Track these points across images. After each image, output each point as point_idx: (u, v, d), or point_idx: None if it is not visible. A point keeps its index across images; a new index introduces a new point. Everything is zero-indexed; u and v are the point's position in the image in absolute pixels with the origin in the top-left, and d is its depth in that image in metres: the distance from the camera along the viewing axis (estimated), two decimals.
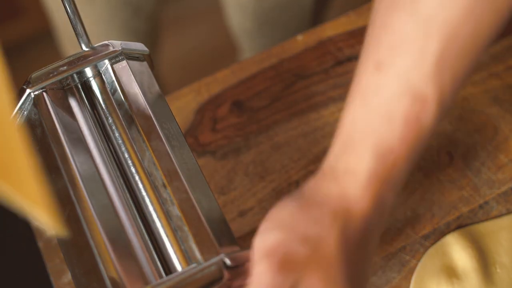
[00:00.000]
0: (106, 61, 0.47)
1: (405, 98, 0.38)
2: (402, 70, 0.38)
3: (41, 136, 0.47)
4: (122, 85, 0.47)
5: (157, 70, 1.07)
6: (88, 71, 0.48)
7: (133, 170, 0.45)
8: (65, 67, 0.47)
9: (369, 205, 0.39)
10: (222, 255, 0.41)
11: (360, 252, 0.40)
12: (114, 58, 0.47)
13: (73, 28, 0.47)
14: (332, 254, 0.38)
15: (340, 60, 0.63)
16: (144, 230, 0.43)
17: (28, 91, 0.46)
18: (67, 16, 0.46)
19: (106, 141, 0.47)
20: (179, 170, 0.44)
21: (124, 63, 0.48)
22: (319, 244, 0.38)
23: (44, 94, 0.46)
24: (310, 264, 0.38)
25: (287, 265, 0.37)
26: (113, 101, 0.47)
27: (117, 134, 0.46)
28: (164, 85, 1.13)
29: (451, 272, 0.52)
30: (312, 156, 0.58)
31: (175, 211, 0.43)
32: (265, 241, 0.39)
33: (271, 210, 0.40)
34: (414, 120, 0.38)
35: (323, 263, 0.38)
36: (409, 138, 0.39)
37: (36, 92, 0.46)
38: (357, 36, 0.63)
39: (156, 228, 0.43)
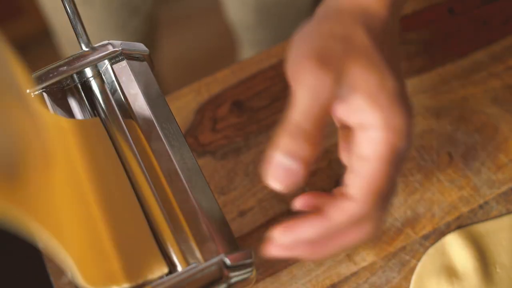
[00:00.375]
0: (106, 61, 0.47)
1: None
2: None
3: None
4: (122, 85, 0.47)
5: (157, 70, 1.06)
6: (88, 71, 0.48)
7: (133, 170, 0.45)
8: (65, 67, 0.47)
9: (384, 10, 0.39)
10: (222, 255, 0.41)
11: (387, 43, 0.39)
12: (114, 58, 0.47)
13: (73, 28, 0.47)
14: (366, 43, 0.38)
15: None
16: None
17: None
18: (66, 17, 0.46)
19: None
20: (179, 170, 0.44)
21: (124, 63, 0.48)
22: (351, 38, 0.38)
23: (44, 94, 0.46)
24: (349, 55, 0.37)
25: (326, 60, 0.36)
26: (113, 101, 0.47)
27: (117, 134, 0.46)
28: (164, 85, 1.13)
29: (451, 272, 0.52)
30: None
31: (175, 211, 0.43)
32: (297, 51, 0.38)
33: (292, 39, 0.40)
34: None
35: (361, 52, 0.37)
36: None
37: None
38: None
39: (156, 228, 0.43)
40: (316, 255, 0.37)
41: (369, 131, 0.36)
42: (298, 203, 0.39)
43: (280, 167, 0.35)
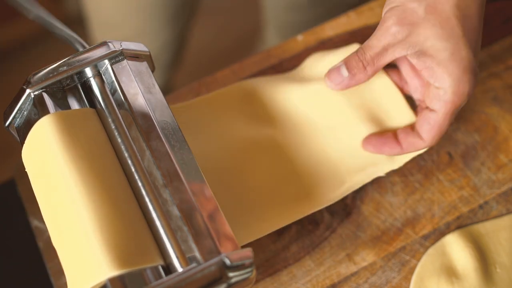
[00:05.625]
0: (106, 61, 0.47)
1: None
2: None
3: None
4: (122, 85, 0.47)
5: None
6: (88, 71, 0.48)
7: (132, 169, 0.45)
8: (65, 67, 0.47)
9: None
10: (222, 255, 0.41)
11: (474, 19, 0.47)
12: (114, 58, 0.48)
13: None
14: (447, 11, 0.47)
15: None
16: None
17: (28, 91, 0.46)
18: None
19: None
20: (179, 170, 0.44)
21: (124, 63, 0.48)
22: (435, 5, 0.47)
23: (44, 94, 0.46)
24: (426, 20, 0.47)
25: (403, 20, 0.48)
26: (113, 101, 0.47)
27: (116, 134, 0.46)
28: (164, 85, 1.13)
29: (451, 272, 0.53)
30: None
31: (175, 211, 0.43)
32: (391, 5, 0.49)
33: None
34: None
35: (438, 19, 0.47)
36: None
37: (36, 92, 0.46)
38: (357, 36, 0.63)
39: (156, 228, 0.43)
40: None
41: (440, 90, 0.48)
42: (369, 147, 0.54)
43: (338, 73, 0.51)
